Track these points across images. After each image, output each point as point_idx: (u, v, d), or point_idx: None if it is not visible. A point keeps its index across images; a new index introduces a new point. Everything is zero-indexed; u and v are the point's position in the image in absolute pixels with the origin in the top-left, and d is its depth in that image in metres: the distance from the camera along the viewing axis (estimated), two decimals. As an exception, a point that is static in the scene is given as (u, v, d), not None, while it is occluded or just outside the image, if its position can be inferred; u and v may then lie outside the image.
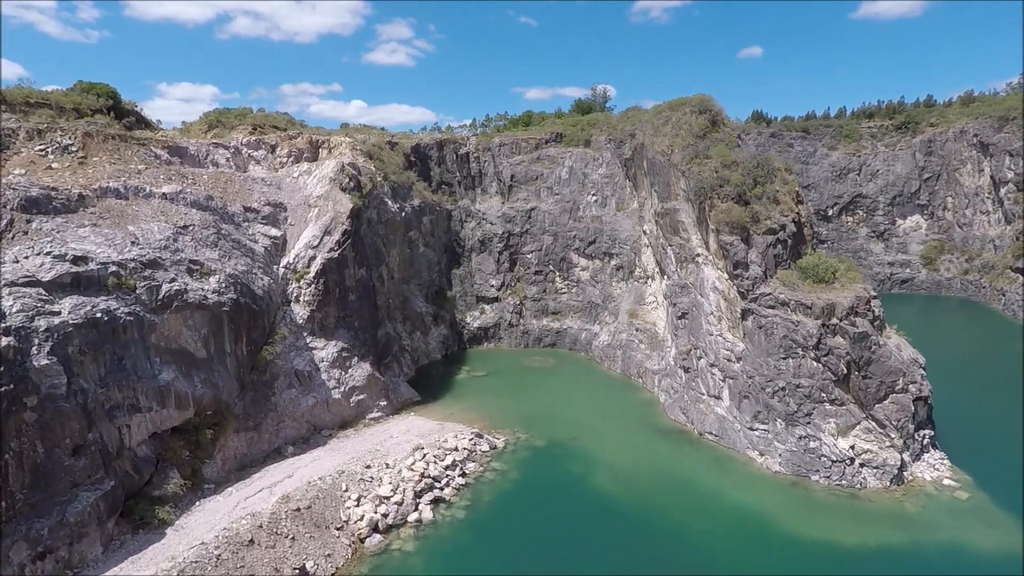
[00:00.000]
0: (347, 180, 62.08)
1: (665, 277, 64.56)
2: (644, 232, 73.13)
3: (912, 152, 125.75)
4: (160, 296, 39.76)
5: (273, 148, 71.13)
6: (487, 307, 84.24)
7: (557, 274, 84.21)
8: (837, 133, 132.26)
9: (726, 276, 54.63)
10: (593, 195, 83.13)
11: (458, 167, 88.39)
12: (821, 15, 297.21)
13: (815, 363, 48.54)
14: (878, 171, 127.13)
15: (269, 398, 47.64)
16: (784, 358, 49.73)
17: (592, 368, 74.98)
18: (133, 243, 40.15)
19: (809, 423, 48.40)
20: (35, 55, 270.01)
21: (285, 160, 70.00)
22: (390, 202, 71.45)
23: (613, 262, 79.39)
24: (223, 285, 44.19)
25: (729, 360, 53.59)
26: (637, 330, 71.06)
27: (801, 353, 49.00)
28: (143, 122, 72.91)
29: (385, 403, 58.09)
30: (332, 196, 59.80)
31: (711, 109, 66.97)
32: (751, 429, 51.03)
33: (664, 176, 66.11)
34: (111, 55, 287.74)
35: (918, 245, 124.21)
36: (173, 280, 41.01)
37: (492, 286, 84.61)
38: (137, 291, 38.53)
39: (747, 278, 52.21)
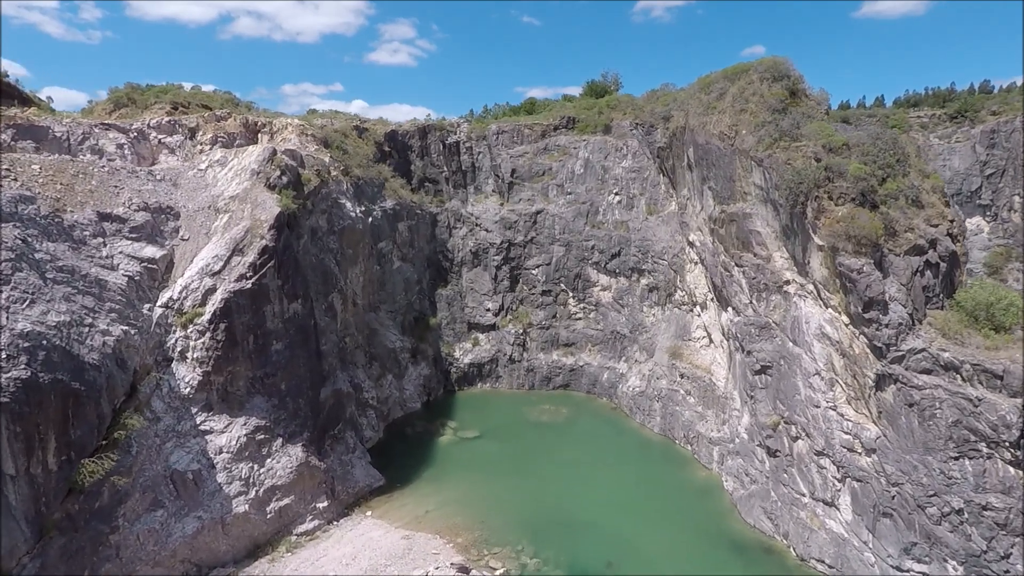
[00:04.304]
0: (277, 174, 41.63)
1: (730, 309, 44.22)
2: (690, 243, 52.77)
3: (971, 144, 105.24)
4: None
5: (193, 132, 50.84)
6: (481, 337, 63.91)
7: (570, 295, 63.90)
8: (882, 123, 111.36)
9: (844, 319, 34.29)
10: (616, 194, 62.79)
11: (445, 160, 67.89)
12: (823, 14, 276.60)
13: (1014, 469, 28.30)
14: (932, 166, 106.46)
15: (104, 538, 27.27)
16: (956, 458, 29.45)
17: (619, 423, 54.65)
18: None
19: (1008, 573, 28.17)
20: (37, 56, 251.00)
21: (208, 148, 49.71)
22: (349, 204, 51.03)
23: (644, 281, 59.05)
24: (3, 354, 23.91)
25: (851, 450, 33.33)
26: (682, 376, 50.75)
27: (986, 451, 28.70)
28: (18, 98, 52.92)
29: (326, 503, 37.83)
30: (251, 197, 39.46)
31: (789, 75, 46.54)
32: (900, 569, 30.75)
33: (725, 168, 45.78)
34: (113, 56, 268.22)
35: (980, 251, 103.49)
36: None
37: (488, 310, 64.30)
38: None
39: (884, 324, 31.89)
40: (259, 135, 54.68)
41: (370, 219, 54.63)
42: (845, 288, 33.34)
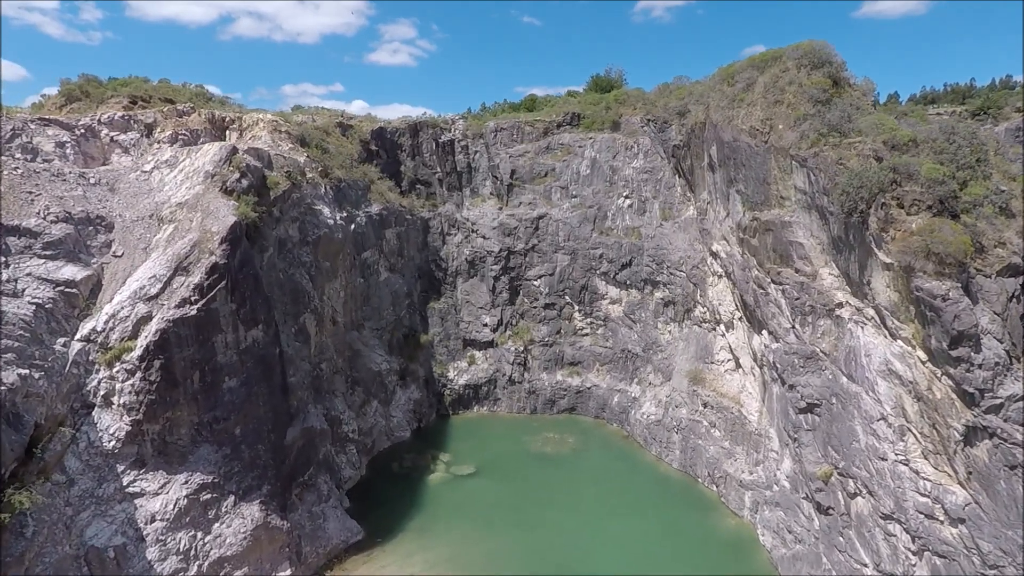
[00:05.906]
0: (236, 176, 35.03)
1: (765, 333, 37.60)
2: (712, 253, 46.16)
3: (995, 143, 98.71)
4: None
5: (151, 129, 44.21)
6: (478, 355, 57.32)
7: (576, 308, 57.31)
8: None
9: (920, 355, 27.68)
10: (626, 197, 56.17)
11: (439, 160, 61.21)
12: (823, 14, 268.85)
13: None
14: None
15: (-21, 656, 20.77)
16: (1076, 538, 22.94)
17: (633, 456, 48.06)
18: None
19: None
20: (38, 57, 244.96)
21: (168, 147, 43.04)
22: (327, 210, 44.43)
23: (658, 294, 52.44)
24: None
25: (931, 517, 26.75)
26: (705, 405, 44.20)
27: (1118, 531, 22.21)
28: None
29: (290, 571, 31.22)
30: (203, 204, 32.83)
31: (831, 61, 39.94)
32: (1000, 675, 24.26)
33: (756, 168, 39.17)
34: (113, 56, 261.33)
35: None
36: None
37: (485, 325, 57.70)
38: None
39: (977, 364, 25.26)
40: (227, 132, 48.24)
41: (352, 226, 48.00)
42: (923, 317, 26.70)
